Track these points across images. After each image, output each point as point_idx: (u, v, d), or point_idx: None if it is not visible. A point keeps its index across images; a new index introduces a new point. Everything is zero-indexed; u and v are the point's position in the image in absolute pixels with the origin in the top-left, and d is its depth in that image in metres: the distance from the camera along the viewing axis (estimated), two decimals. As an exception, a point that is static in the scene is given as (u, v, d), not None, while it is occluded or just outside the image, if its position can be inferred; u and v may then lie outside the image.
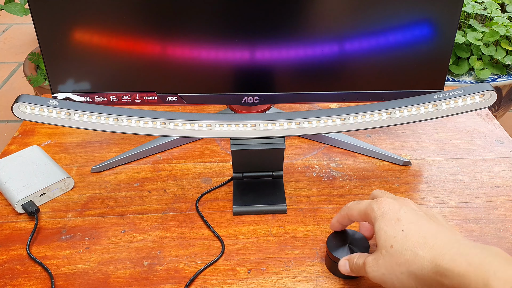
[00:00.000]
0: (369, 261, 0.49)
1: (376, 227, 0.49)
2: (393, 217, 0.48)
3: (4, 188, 0.67)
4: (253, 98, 0.72)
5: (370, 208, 0.51)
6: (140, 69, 0.69)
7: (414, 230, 0.47)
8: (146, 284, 0.56)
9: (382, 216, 0.49)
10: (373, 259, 0.48)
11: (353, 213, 0.53)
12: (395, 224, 0.48)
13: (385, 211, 0.49)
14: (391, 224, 0.48)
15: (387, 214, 0.49)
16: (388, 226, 0.48)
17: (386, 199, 0.51)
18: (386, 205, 0.50)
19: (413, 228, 0.47)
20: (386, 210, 0.49)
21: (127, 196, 0.69)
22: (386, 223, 0.48)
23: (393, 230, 0.47)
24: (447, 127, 0.83)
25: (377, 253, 0.48)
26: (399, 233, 0.47)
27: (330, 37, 0.68)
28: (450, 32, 0.67)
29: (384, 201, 0.50)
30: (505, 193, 0.69)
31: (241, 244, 0.61)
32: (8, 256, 0.60)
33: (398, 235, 0.47)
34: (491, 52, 1.39)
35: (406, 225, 0.47)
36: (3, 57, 2.23)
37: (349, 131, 0.63)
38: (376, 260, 0.48)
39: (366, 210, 0.51)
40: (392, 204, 0.50)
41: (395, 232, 0.47)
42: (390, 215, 0.49)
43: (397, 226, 0.47)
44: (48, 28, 0.65)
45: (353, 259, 0.52)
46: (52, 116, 0.61)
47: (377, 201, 0.51)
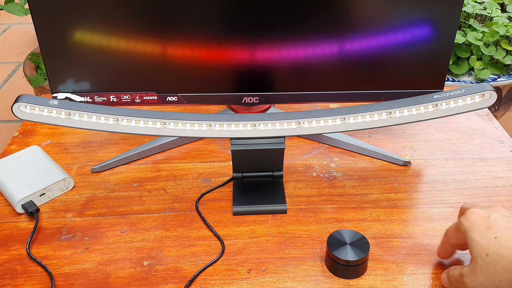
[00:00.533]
0: (466, 271, 0.48)
1: (468, 239, 0.48)
2: (483, 225, 0.48)
3: (4, 188, 0.67)
4: (253, 98, 0.72)
5: (459, 223, 0.50)
6: (140, 69, 0.69)
7: (507, 236, 0.46)
8: (146, 284, 0.56)
9: (471, 226, 0.48)
10: (469, 270, 0.48)
11: (449, 235, 0.53)
12: (486, 232, 0.47)
13: (473, 221, 0.49)
14: (482, 233, 0.47)
15: (477, 223, 0.48)
16: (479, 235, 0.47)
17: (474, 209, 0.50)
18: (474, 215, 0.49)
19: (506, 234, 0.46)
20: (475, 220, 0.49)
21: (127, 196, 0.69)
22: (476, 232, 0.48)
23: (485, 239, 0.47)
24: (447, 127, 0.83)
25: (472, 263, 0.47)
26: (492, 241, 0.46)
27: (330, 37, 0.68)
28: (450, 32, 0.67)
29: (471, 212, 0.50)
30: (505, 193, 0.69)
31: (241, 244, 0.61)
32: (8, 256, 0.60)
33: (491, 243, 0.46)
34: (491, 52, 1.39)
35: (498, 232, 0.46)
36: (3, 57, 2.23)
37: (349, 131, 0.63)
38: (473, 270, 0.47)
39: (457, 226, 0.51)
40: (481, 213, 0.49)
41: (487, 240, 0.46)
42: (480, 224, 0.48)
43: (489, 234, 0.47)
44: (48, 28, 0.65)
45: (450, 271, 0.51)
46: (52, 116, 0.61)
47: (465, 214, 0.50)
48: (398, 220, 0.65)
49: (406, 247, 0.60)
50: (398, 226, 0.64)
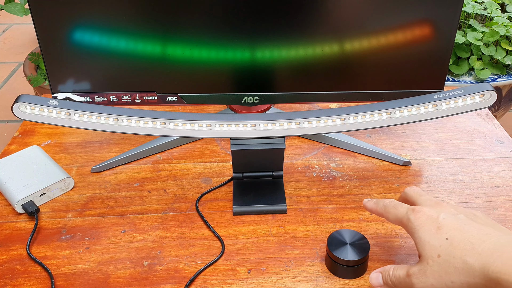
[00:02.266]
0: (415, 272, 0.47)
1: (417, 238, 0.48)
2: (432, 226, 0.47)
3: (4, 188, 0.67)
4: (253, 98, 0.72)
5: (406, 219, 0.49)
6: (140, 69, 0.69)
7: (459, 236, 0.45)
8: (146, 284, 0.56)
9: (420, 226, 0.48)
10: (419, 270, 0.46)
11: (389, 216, 0.52)
12: (437, 233, 0.46)
13: (423, 220, 0.48)
14: (433, 234, 0.47)
15: (425, 224, 0.48)
16: (430, 236, 0.47)
17: (422, 209, 0.49)
18: (423, 215, 0.48)
19: (457, 234, 0.45)
20: (424, 220, 0.48)
21: (127, 196, 0.69)
22: (426, 233, 0.47)
23: (436, 240, 0.46)
24: (447, 127, 0.83)
25: (423, 264, 0.46)
26: (444, 242, 0.45)
27: (330, 37, 0.68)
28: (450, 32, 0.67)
29: (420, 212, 0.49)
30: (505, 193, 0.69)
31: (241, 244, 0.61)
32: (8, 256, 0.60)
33: (443, 244, 0.45)
34: (491, 52, 1.39)
35: (449, 232, 0.46)
36: (3, 57, 2.23)
37: (349, 131, 0.63)
38: (423, 271, 0.46)
39: (403, 220, 0.50)
40: (429, 213, 0.48)
41: (439, 241, 0.46)
42: (429, 225, 0.47)
43: (440, 234, 0.46)
44: (48, 28, 0.65)
45: (388, 271, 0.50)
46: (52, 116, 0.61)
47: (414, 211, 0.49)
48: (398, 220, 0.65)
49: (406, 247, 0.60)
50: (398, 226, 0.64)
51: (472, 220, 0.47)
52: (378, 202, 0.54)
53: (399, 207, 0.51)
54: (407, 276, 0.47)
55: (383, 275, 0.50)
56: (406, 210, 0.50)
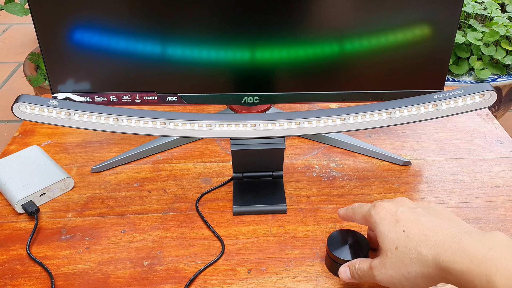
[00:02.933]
0: (376, 264, 0.49)
1: (377, 232, 0.50)
2: (391, 219, 0.49)
3: (4, 188, 0.67)
4: (253, 98, 0.72)
5: (368, 214, 0.52)
6: (140, 69, 0.69)
7: (414, 228, 0.47)
8: (146, 284, 0.56)
9: (381, 220, 0.50)
10: (379, 262, 0.48)
11: (356, 217, 0.55)
12: (395, 226, 0.48)
13: (383, 215, 0.50)
14: (391, 227, 0.49)
15: (385, 217, 0.50)
16: (389, 229, 0.49)
17: (382, 203, 0.52)
18: (383, 209, 0.51)
19: (413, 227, 0.47)
20: (383, 214, 0.50)
21: (127, 196, 0.69)
22: (386, 226, 0.49)
23: (394, 232, 0.48)
24: (447, 127, 0.83)
25: (382, 256, 0.48)
26: (401, 234, 0.47)
27: (330, 37, 0.68)
28: (450, 32, 0.67)
29: (380, 206, 0.51)
30: (505, 193, 0.69)
31: (241, 244, 0.61)
32: (8, 256, 0.60)
33: (400, 236, 0.47)
34: (491, 52, 1.39)
35: (406, 225, 0.48)
36: (3, 57, 2.23)
37: (349, 131, 0.63)
38: (383, 263, 0.48)
39: (366, 216, 0.52)
40: (389, 207, 0.51)
41: (396, 234, 0.48)
42: (388, 218, 0.49)
43: (397, 227, 0.48)
44: (48, 28, 0.65)
45: (355, 264, 0.52)
46: (52, 116, 0.61)
47: (374, 206, 0.52)
48: (398, 220, 0.65)
49: (406, 247, 0.60)
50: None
51: (428, 213, 0.49)
52: (348, 207, 0.57)
53: (364, 206, 0.54)
54: (369, 268, 0.49)
55: (350, 269, 0.53)
56: (369, 207, 0.53)
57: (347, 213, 0.56)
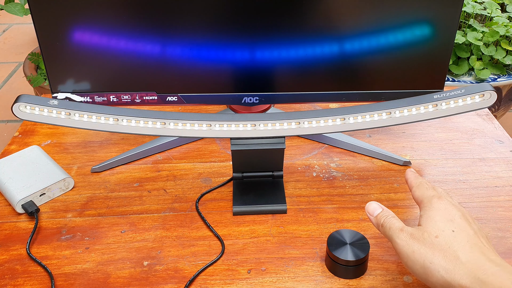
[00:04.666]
0: (407, 230, 0.48)
1: (428, 215, 0.49)
2: (448, 216, 0.48)
3: (4, 188, 0.67)
4: (253, 98, 0.72)
5: (429, 200, 0.51)
6: (140, 69, 0.69)
7: (463, 235, 0.46)
8: (146, 284, 0.56)
9: (438, 209, 0.49)
10: (412, 233, 0.48)
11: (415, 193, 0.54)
12: (448, 222, 0.48)
13: (442, 208, 0.49)
14: (444, 220, 0.48)
15: (444, 211, 0.49)
16: (441, 219, 0.48)
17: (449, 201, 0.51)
18: (445, 205, 0.50)
19: (463, 234, 0.46)
20: (444, 208, 0.49)
21: (127, 196, 0.69)
22: (440, 216, 0.48)
23: (444, 225, 0.47)
24: (447, 127, 0.83)
25: (419, 231, 0.47)
26: (449, 231, 0.47)
27: (330, 37, 0.68)
28: (450, 32, 0.67)
29: (445, 202, 0.50)
30: (505, 193, 0.69)
31: (241, 244, 0.61)
32: (8, 256, 0.60)
33: (447, 231, 0.47)
34: (491, 52, 1.39)
35: (458, 229, 0.47)
36: (3, 57, 2.23)
37: (349, 131, 0.63)
38: (415, 236, 0.47)
39: (425, 199, 0.51)
40: (451, 207, 0.50)
41: (445, 227, 0.47)
42: (446, 214, 0.49)
43: (449, 224, 0.47)
44: (48, 28, 0.65)
45: (388, 214, 0.51)
46: (52, 116, 0.61)
47: (440, 198, 0.51)
48: (398, 220, 0.65)
49: (406, 247, 0.60)
50: (398, 226, 0.64)
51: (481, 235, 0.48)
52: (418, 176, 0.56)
53: (430, 189, 0.53)
54: (399, 229, 0.49)
55: (382, 213, 0.52)
56: (433, 194, 0.52)
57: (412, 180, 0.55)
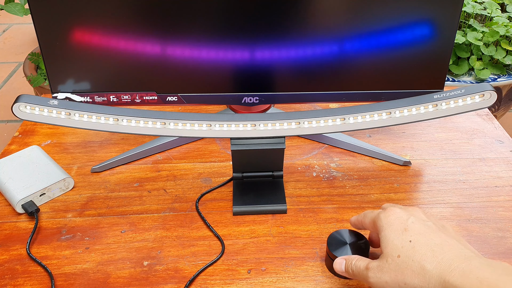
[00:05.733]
0: (373, 266, 0.48)
1: (382, 236, 0.49)
2: (400, 226, 0.48)
3: (4, 188, 0.67)
4: (253, 98, 0.72)
5: (377, 217, 0.51)
6: (140, 69, 0.69)
7: (422, 241, 0.46)
8: (146, 284, 0.56)
9: (389, 225, 0.49)
10: (377, 266, 0.47)
11: (365, 221, 0.53)
12: (402, 234, 0.47)
13: (392, 220, 0.49)
14: (398, 234, 0.47)
15: (394, 223, 0.48)
16: (395, 235, 0.47)
17: (394, 208, 0.50)
18: (393, 215, 0.49)
19: (421, 239, 0.46)
20: (393, 219, 0.49)
21: (127, 196, 0.69)
22: (393, 232, 0.48)
23: (400, 240, 0.47)
24: (447, 127, 0.83)
25: (382, 261, 0.47)
26: (407, 244, 0.46)
27: (330, 37, 0.68)
28: (450, 32, 0.67)
29: (391, 211, 0.50)
30: (505, 193, 0.69)
31: (241, 244, 0.61)
32: (8, 256, 0.60)
33: (405, 245, 0.46)
34: (491, 52, 1.39)
35: (414, 236, 0.47)
36: (3, 57, 2.23)
37: (349, 131, 0.63)
38: (381, 268, 0.47)
39: (374, 219, 0.51)
40: (400, 214, 0.49)
41: (402, 242, 0.47)
42: (397, 225, 0.48)
43: (405, 236, 0.47)
44: (48, 28, 0.65)
45: (352, 260, 0.51)
46: (52, 116, 0.61)
47: (385, 210, 0.50)
48: (398, 220, 0.65)
49: (406, 247, 0.60)
50: (398, 226, 0.64)
51: (439, 229, 0.48)
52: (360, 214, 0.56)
53: (375, 211, 0.53)
54: (365, 268, 0.48)
55: (346, 263, 0.52)
56: (378, 211, 0.52)
57: (358, 218, 0.55)
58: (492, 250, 0.60)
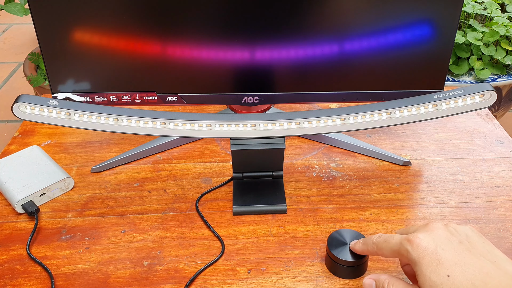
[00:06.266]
0: None
1: (418, 271, 0.46)
2: (433, 259, 0.45)
3: (4, 188, 0.67)
4: (253, 98, 0.72)
5: (404, 250, 0.47)
6: (140, 69, 0.69)
7: (460, 275, 0.44)
8: (146, 284, 0.56)
9: (421, 258, 0.46)
10: None
11: (384, 252, 0.50)
12: (438, 268, 0.45)
13: (422, 252, 0.46)
14: (434, 269, 0.45)
15: (426, 256, 0.46)
16: (431, 271, 0.45)
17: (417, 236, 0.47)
18: (420, 245, 0.47)
19: (458, 272, 0.44)
20: (423, 251, 0.46)
21: (127, 196, 0.69)
22: (428, 267, 0.45)
23: (438, 277, 0.44)
24: (447, 127, 0.83)
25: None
26: (445, 280, 0.44)
27: (330, 37, 0.68)
28: (450, 32, 0.67)
29: (416, 241, 0.47)
30: (505, 193, 0.69)
31: (241, 244, 0.61)
32: (8, 256, 0.60)
33: (444, 282, 0.44)
34: (491, 52, 1.39)
35: (450, 268, 0.44)
36: (3, 57, 2.23)
37: (349, 131, 0.63)
38: None
39: (400, 251, 0.48)
40: (427, 243, 0.47)
41: (440, 279, 0.44)
42: (429, 257, 0.46)
43: (441, 270, 0.45)
44: (48, 28, 0.65)
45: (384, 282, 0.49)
46: (52, 116, 0.61)
47: (409, 241, 0.47)
48: (398, 220, 0.65)
49: (406, 247, 0.60)
50: (398, 226, 0.64)
51: (468, 249, 0.46)
52: (366, 241, 0.53)
53: (390, 239, 0.50)
54: None
55: (377, 285, 0.50)
56: (399, 240, 0.48)
57: (369, 249, 0.52)
58: (492, 250, 0.60)
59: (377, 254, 0.51)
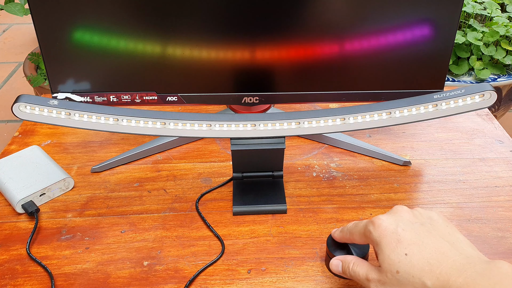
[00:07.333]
0: (373, 278, 0.47)
1: (378, 250, 0.48)
2: (393, 239, 0.47)
3: (4, 188, 0.67)
4: (253, 98, 0.72)
5: (368, 231, 0.49)
6: (140, 69, 0.69)
7: (417, 254, 0.45)
8: (146, 284, 0.56)
9: (381, 237, 0.47)
10: (378, 280, 0.47)
11: (355, 237, 0.52)
12: (396, 246, 0.46)
13: (382, 231, 0.48)
14: (393, 248, 0.46)
15: (386, 235, 0.47)
16: (390, 250, 0.46)
17: (379, 218, 0.49)
18: (381, 226, 0.48)
19: (416, 251, 0.45)
20: (383, 231, 0.48)
21: (127, 196, 0.69)
22: (387, 246, 0.47)
23: (396, 255, 0.46)
24: (447, 127, 0.83)
25: (382, 275, 0.47)
26: (403, 258, 0.45)
27: (330, 37, 0.68)
28: (450, 32, 0.67)
29: (378, 222, 0.49)
30: (505, 193, 0.69)
31: (241, 244, 0.61)
32: (8, 256, 0.60)
33: (402, 260, 0.45)
34: (491, 52, 1.39)
35: (408, 247, 0.46)
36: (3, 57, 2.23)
37: (349, 131, 0.63)
38: (382, 282, 0.46)
39: (365, 233, 0.50)
40: (388, 223, 0.48)
41: (398, 257, 0.46)
42: (389, 237, 0.47)
43: (399, 249, 0.46)
44: (48, 28, 0.65)
45: (349, 263, 0.51)
46: (52, 116, 0.61)
47: (372, 222, 0.49)
48: (398, 220, 0.65)
49: (406, 247, 0.60)
50: (398, 226, 0.64)
51: (428, 230, 0.47)
52: (342, 229, 0.54)
53: (359, 223, 0.51)
54: (366, 279, 0.48)
55: (343, 265, 0.51)
56: (365, 223, 0.50)
57: (343, 235, 0.54)
58: (492, 250, 0.60)
59: (350, 240, 0.53)
